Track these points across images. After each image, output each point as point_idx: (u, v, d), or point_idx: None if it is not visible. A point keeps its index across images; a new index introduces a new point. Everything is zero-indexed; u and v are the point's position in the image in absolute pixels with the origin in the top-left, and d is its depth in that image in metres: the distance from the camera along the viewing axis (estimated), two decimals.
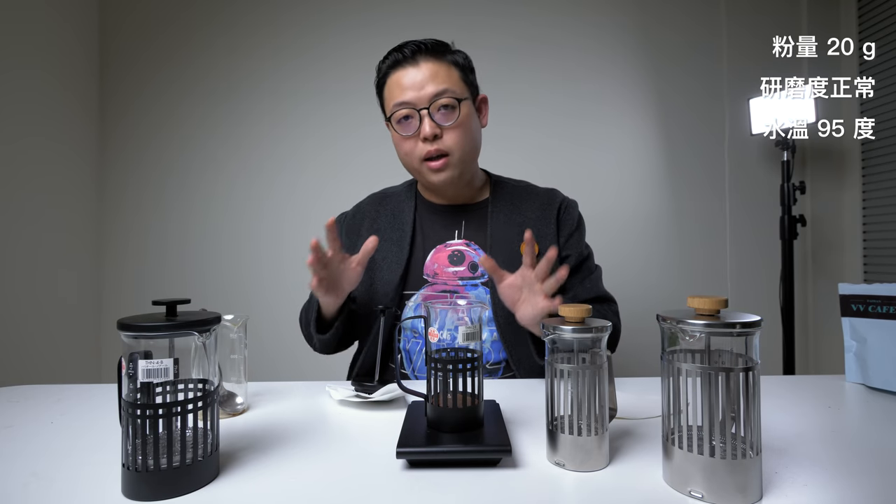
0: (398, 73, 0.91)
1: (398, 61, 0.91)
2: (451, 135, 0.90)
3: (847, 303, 0.80)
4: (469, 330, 0.56)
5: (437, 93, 0.88)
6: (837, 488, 0.46)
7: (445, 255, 0.96)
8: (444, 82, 0.89)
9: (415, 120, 0.90)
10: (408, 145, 0.92)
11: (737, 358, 0.45)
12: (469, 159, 0.95)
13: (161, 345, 0.47)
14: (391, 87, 0.92)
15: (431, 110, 0.89)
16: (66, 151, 1.77)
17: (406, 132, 0.91)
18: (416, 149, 0.91)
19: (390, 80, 0.92)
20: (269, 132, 1.93)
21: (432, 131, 0.88)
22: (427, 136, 0.88)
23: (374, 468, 0.51)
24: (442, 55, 0.92)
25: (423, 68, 0.89)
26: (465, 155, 0.93)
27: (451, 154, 0.90)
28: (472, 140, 0.94)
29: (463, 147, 0.91)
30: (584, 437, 0.50)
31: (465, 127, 0.92)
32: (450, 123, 0.90)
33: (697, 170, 1.91)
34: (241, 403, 0.70)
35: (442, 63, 0.91)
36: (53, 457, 0.55)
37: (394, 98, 0.91)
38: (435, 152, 0.90)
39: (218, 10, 1.94)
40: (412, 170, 0.96)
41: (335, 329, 0.90)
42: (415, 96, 0.89)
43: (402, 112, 0.90)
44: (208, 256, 1.92)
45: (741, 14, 1.89)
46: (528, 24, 1.90)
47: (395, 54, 0.92)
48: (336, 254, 0.81)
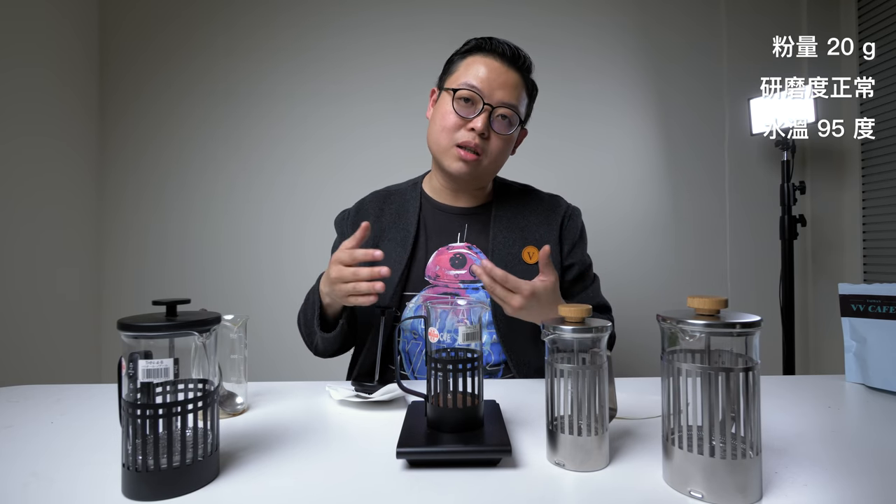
0: (489, 60, 0.92)
1: (495, 51, 0.92)
2: (495, 143, 0.92)
3: (847, 303, 0.80)
4: (469, 330, 0.56)
5: (509, 103, 0.91)
6: (837, 488, 0.46)
7: (447, 258, 0.96)
8: (517, 100, 0.92)
9: (474, 108, 0.90)
10: (451, 122, 0.91)
11: (737, 358, 0.45)
12: (491, 171, 0.97)
13: (161, 345, 0.47)
14: (475, 65, 0.92)
15: (495, 112, 0.90)
16: (66, 150, 1.77)
17: (461, 111, 0.91)
18: (459, 131, 0.91)
19: (477, 58, 0.92)
20: (269, 132, 1.93)
21: (483, 127, 0.89)
22: (479, 129, 0.89)
23: (374, 468, 0.51)
24: (527, 76, 0.96)
25: (511, 74, 0.92)
26: (492, 166, 0.95)
27: (483, 156, 0.92)
28: (503, 158, 0.97)
29: (496, 159, 0.94)
30: (584, 437, 0.50)
31: (508, 144, 0.95)
32: (501, 133, 0.92)
33: (697, 170, 1.91)
34: (241, 403, 0.70)
35: (524, 82, 0.94)
36: (53, 457, 0.55)
37: (471, 77, 0.91)
38: (474, 146, 0.90)
39: (218, 9, 1.94)
40: (438, 146, 0.94)
41: (340, 326, 0.89)
42: (490, 91, 0.90)
43: (470, 94, 0.90)
44: (208, 256, 1.92)
45: (741, 14, 1.89)
46: (528, 24, 1.90)
47: (496, 44, 0.92)
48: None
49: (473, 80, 0.90)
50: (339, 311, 0.89)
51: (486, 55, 0.92)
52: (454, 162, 0.92)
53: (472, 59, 0.93)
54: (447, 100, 0.92)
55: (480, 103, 0.89)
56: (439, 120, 0.93)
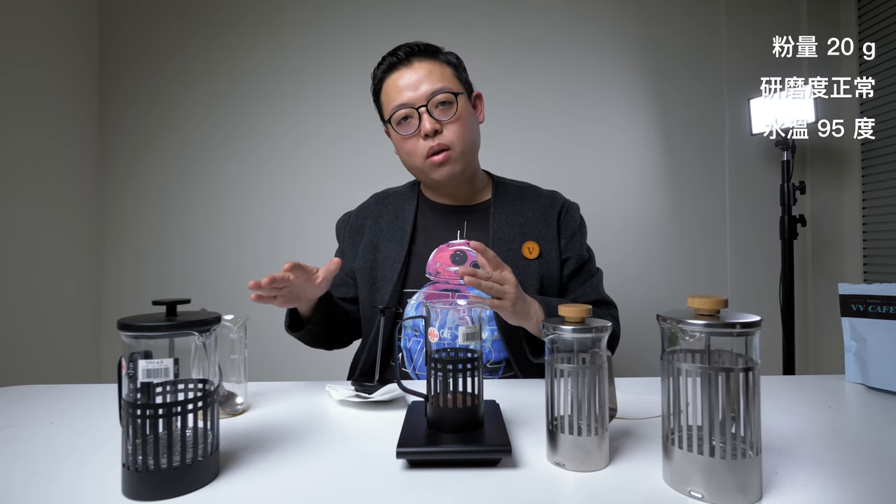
0: (394, 76, 0.93)
1: (393, 65, 0.93)
2: (451, 129, 0.92)
3: (847, 303, 0.80)
4: (469, 330, 0.56)
5: (433, 90, 0.90)
6: (837, 488, 0.46)
7: (447, 255, 0.96)
8: (440, 80, 0.91)
9: (414, 119, 0.91)
10: (409, 145, 0.93)
11: (737, 358, 0.45)
12: (470, 152, 0.96)
13: (161, 345, 0.47)
14: (388, 90, 0.94)
15: (430, 107, 0.90)
16: (66, 151, 1.77)
17: (407, 132, 0.92)
18: (418, 147, 0.92)
19: (387, 84, 0.94)
20: (269, 132, 1.93)
21: (432, 127, 0.89)
22: (428, 131, 0.90)
23: (374, 468, 0.51)
24: (434, 55, 0.94)
25: (418, 68, 0.92)
26: (467, 147, 0.94)
27: (452, 148, 0.92)
28: (472, 133, 0.96)
29: (464, 140, 0.93)
30: (584, 437, 0.50)
31: (464, 120, 0.93)
32: (448, 118, 0.91)
33: (697, 170, 1.91)
34: (241, 403, 0.70)
35: (435, 62, 0.93)
36: (53, 457, 0.55)
37: (392, 101, 0.92)
38: (437, 147, 0.90)
39: (218, 9, 1.94)
40: (415, 170, 0.97)
41: (307, 331, 0.90)
42: (412, 96, 0.90)
43: (402, 113, 0.91)
44: (208, 257, 1.92)
45: (741, 14, 1.89)
46: (527, 23, 1.90)
47: (389, 58, 0.94)
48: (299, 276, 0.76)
49: (396, 99, 0.92)
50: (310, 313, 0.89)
51: (390, 72, 0.94)
52: (434, 173, 0.93)
53: (384, 85, 0.95)
54: (392, 131, 0.95)
55: (414, 112, 0.91)
56: (400, 150, 0.97)
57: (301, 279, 0.76)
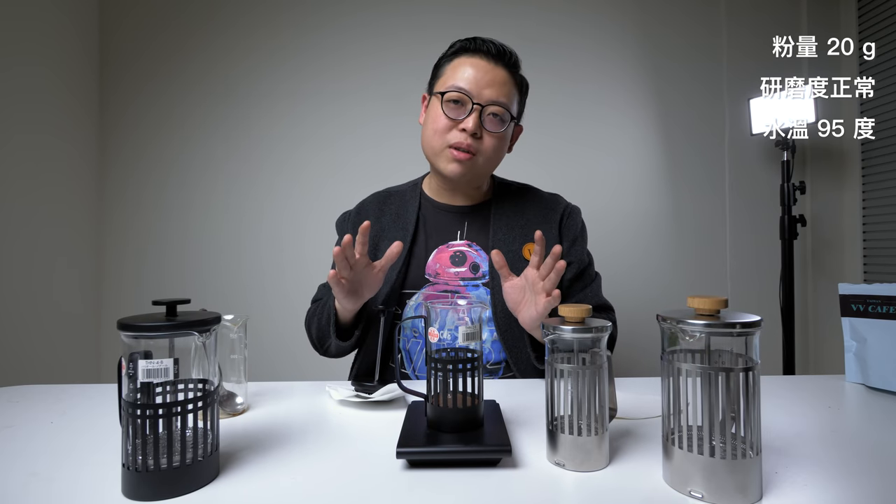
0: (474, 60, 0.92)
1: (480, 50, 0.92)
2: (488, 141, 0.92)
3: (847, 303, 0.80)
4: (469, 330, 0.56)
5: (497, 100, 0.91)
6: (837, 488, 0.46)
7: (447, 256, 0.96)
8: (507, 97, 0.92)
9: (464, 109, 0.91)
10: (442, 124, 0.92)
11: (737, 358, 0.45)
12: (487, 170, 0.97)
13: (161, 345, 0.47)
14: (461, 66, 0.92)
15: (485, 111, 0.90)
16: (66, 150, 1.77)
17: (450, 113, 0.91)
18: (450, 133, 0.91)
19: (462, 60, 0.93)
20: (269, 131, 1.93)
21: (475, 127, 0.89)
22: (470, 129, 0.89)
23: (374, 468, 0.51)
24: (515, 72, 0.95)
25: (498, 72, 0.92)
26: (487, 164, 0.94)
27: (478, 156, 0.92)
28: (499, 156, 0.97)
29: (490, 157, 0.94)
30: (584, 437, 0.50)
31: (501, 143, 0.94)
32: (493, 132, 0.92)
33: (697, 170, 1.91)
34: (241, 403, 0.70)
35: (513, 79, 0.94)
36: (53, 457, 0.55)
37: (457, 80, 0.91)
38: (466, 146, 0.90)
39: (217, 9, 1.94)
40: (431, 149, 0.95)
41: (356, 336, 0.89)
42: (479, 90, 0.90)
43: (459, 96, 0.90)
44: (208, 256, 1.92)
45: (741, 14, 1.89)
46: (527, 23, 1.90)
47: (480, 43, 0.92)
48: (363, 257, 0.78)
49: (461, 81, 0.90)
50: (353, 319, 0.89)
51: (472, 55, 0.92)
52: (448, 164, 0.92)
53: (458, 60, 0.93)
54: (437, 104, 0.92)
55: (469, 104, 0.90)
56: (430, 123, 0.94)
57: (364, 262, 0.78)
